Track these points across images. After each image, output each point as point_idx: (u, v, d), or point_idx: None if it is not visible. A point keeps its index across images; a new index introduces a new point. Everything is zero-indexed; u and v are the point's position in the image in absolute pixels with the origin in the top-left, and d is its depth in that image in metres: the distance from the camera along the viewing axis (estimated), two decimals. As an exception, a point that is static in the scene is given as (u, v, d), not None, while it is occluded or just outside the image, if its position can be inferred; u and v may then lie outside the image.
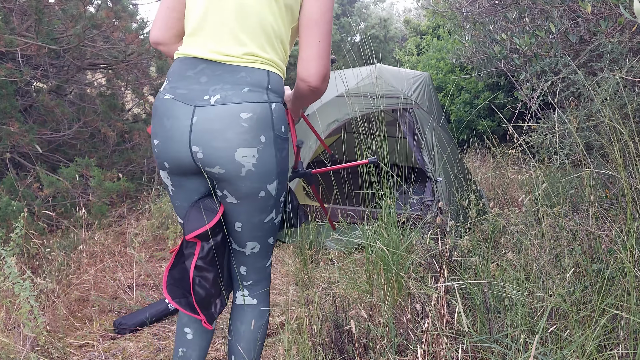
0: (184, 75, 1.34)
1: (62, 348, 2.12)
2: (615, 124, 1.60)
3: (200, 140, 1.28)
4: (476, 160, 5.92)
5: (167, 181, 1.43)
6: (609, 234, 1.83)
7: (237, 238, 1.45)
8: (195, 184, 1.40)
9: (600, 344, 1.46)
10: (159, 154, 1.36)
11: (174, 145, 1.32)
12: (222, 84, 1.29)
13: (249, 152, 1.29)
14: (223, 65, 1.31)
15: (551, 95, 2.56)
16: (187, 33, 1.37)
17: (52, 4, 3.62)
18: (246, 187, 1.33)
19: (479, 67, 3.65)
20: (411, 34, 10.57)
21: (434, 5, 3.97)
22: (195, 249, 1.37)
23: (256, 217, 1.40)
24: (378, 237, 2.15)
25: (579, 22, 2.46)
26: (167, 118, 1.32)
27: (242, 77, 1.30)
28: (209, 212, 1.37)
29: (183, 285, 1.45)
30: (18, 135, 3.07)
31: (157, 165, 1.41)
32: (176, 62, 1.38)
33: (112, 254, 3.04)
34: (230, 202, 1.38)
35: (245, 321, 1.51)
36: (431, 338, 1.59)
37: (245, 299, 1.52)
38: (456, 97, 7.01)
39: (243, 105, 1.28)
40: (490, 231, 2.45)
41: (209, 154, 1.28)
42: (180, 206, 1.45)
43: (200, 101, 1.29)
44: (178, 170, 1.36)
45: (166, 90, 1.35)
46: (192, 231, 1.34)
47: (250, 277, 1.52)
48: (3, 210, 2.71)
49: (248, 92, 1.29)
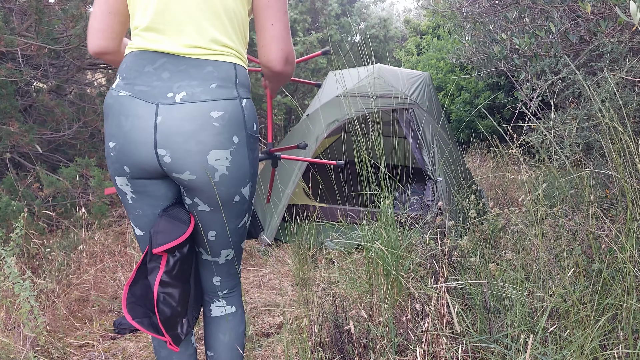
0: (142, 70, 1.19)
1: (62, 348, 2.12)
2: (615, 124, 1.60)
3: (168, 143, 1.15)
4: (476, 160, 5.92)
5: (126, 188, 1.26)
6: (609, 234, 1.83)
7: (211, 247, 1.34)
8: (161, 189, 1.26)
9: (600, 344, 1.46)
10: (116, 158, 1.21)
11: (136, 147, 1.17)
12: (188, 79, 1.17)
13: (222, 155, 1.18)
14: (187, 59, 1.18)
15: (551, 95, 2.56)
16: (140, 26, 1.22)
17: (52, 4, 3.62)
18: (221, 193, 1.22)
19: (479, 67, 3.65)
20: (411, 34, 10.57)
21: (434, 5, 3.97)
22: (160, 262, 1.24)
23: (232, 224, 1.31)
24: (377, 237, 2.15)
25: (579, 22, 2.46)
26: (125, 117, 1.17)
27: (209, 72, 1.18)
28: (179, 223, 1.25)
29: (145, 303, 1.30)
30: (18, 135, 3.07)
31: (112, 171, 1.25)
32: (129, 57, 1.23)
33: (112, 254, 3.04)
34: (202, 210, 1.26)
35: (228, 330, 1.42)
36: (431, 338, 1.59)
37: (225, 309, 1.43)
38: (456, 97, 7.01)
39: (213, 103, 1.16)
40: (490, 231, 2.44)
41: (178, 158, 1.16)
42: (141, 215, 1.29)
43: (163, 99, 1.16)
44: (141, 175, 1.23)
45: (120, 87, 1.20)
46: (162, 245, 1.21)
47: (226, 286, 1.43)
48: (3, 210, 2.71)
49: (217, 89, 1.18)
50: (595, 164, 2.35)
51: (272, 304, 2.62)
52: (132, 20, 1.25)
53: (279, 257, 3.27)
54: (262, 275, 3.02)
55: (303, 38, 7.44)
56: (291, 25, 7.78)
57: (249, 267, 3.18)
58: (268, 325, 2.36)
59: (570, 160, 2.24)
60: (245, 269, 3.17)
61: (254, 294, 2.74)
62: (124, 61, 1.24)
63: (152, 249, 1.22)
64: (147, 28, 1.21)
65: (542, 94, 2.49)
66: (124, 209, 3.69)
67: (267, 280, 2.96)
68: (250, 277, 3.04)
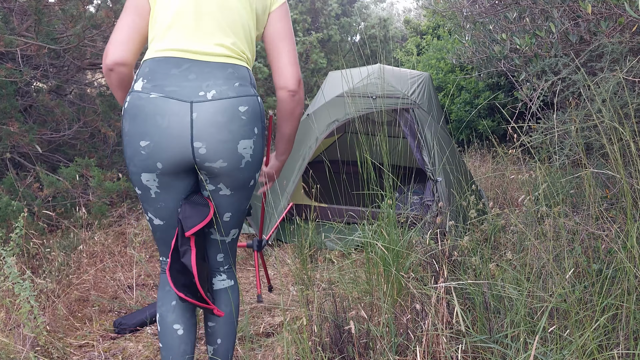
0: (168, 73, 1.33)
1: (62, 348, 2.12)
2: (616, 124, 1.60)
3: (204, 135, 1.31)
4: (476, 160, 5.92)
5: (152, 183, 1.38)
6: (609, 234, 1.83)
7: (224, 228, 1.51)
8: (184, 182, 1.41)
9: (600, 344, 1.46)
10: (149, 155, 1.32)
11: (172, 143, 1.31)
12: (214, 79, 1.33)
13: (248, 144, 1.36)
14: (209, 63, 1.35)
15: (551, 95, 2.56)
16: (159, 37, 1.37)
17: (52, 4, 3.62)
18: (243, 177, 1.40)
19: (479, 67, 3.65)
20: (411, 34, 10.57)
21: (434, 5, 3.97)
22: (190, 244, 1.40)
23: (244, 205, 1.50)
24: (378, 237, 2.15)
25: (579, 22, 2.46)
26: (161, 116, 1.30)
27: (230, 72, 1.36)
28: (201, 207, 1.41)
29: (184, 282, 1.45)
30: (18, 135, 3.07)
31: (140, 168, 1.35)
32: (151, 62, 1.36)
33: (112, 254, 3.04)
34: (223, 194, 1.43)
35: (229, 302, 1.58)
36: (431, 338, 1.59)
37: (224, 282, 1.59)
38: (456, 97, 7.01)
39: (240, 99, 1.34)
40: (490, 231, 2.44)
41: (212, 148, 1.32)
42: (164, 207, 1.43)
43: (196, 97, 1.31)
44: (172, 170, 1.35)
45: (149, 90, 1.32)
46: (192, 227, 1.37)
47: (227, 261, 1.59)
48: (3, 210, 2.71)
49: (240, 87, 1.36)
50: (596, 164, 2.35)
51: (272, 304, 2.62)
52: (156, 31, 1.39)
53: (279, 257, 3.27)
54: (262, 275, 3.02)
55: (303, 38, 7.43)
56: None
57: (249, 267, 3.18)
58: (268, 325, 2.36)
59: (570, 160, 2.24)
60: (245, 268, 3.17)
61: (254, 294, 2.74)
62: (144, 65, 1.37)
63: (184, 232, 1.37)
64: (165, 38, 1.36)
65: (543, 94, 2.49)
66: (124, 209, 3.69)
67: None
68: (250, 277, 3.04)
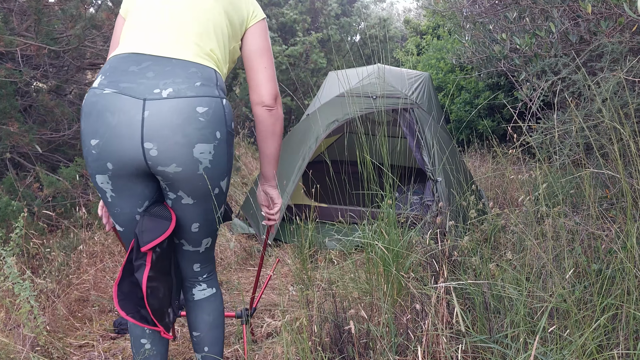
0: (127, 70, 1.24)
1: (62, 348, 2.11)
2: (616, 124, 1.60)
3: (155, 136, 1.20)
4: (476, 160, 5.92)
5: (106, 186, 1.29)
6: (609, 234, 1.83)
7: (194, 239, 1.42)
8: (141, 187, 1.31)
9: (600, 344, 1.46)
10: (99, 155, 1.23)
11: (121, 142, 1.20)
12: (173, 77, 1.23)
13: (207, 149, 1.25)
14: (172, 61, 1.26)
15: (551, 95, 2.56)
16: (125, 35, 1.32)
17: (52, 4, 3.62)
18: (203, 185, 1.30)
19: (479, 67, 3.64)
20: (411, 34, 10.57)
21: (434, 5, 3.97)
22: (145, 259, 1.29)
23: (211, 215, 1.40)
24: (378, 238, 2.15)
25: (579, 22, 2.46)
26: (111, 113, 1.20)
27: (193, 72, 1.26)
28: (162, 220, 1.30)
29: (133, 298, 1.37)
30: (18, 135, 3.07)
31: (93, 169, 1.27)
32: (113, 59, 1.29)
33: (112, 254, 3.04)
34: (186, 203, 1.33)
35: (212, 311, 1.53)
36: (431, 338, 1.58)
37: (205, 292, 1.54)
38: (456, 97, 7.01)
39: (198, 99, 1.23)
40: (490, 231, 2.44)
41: (164, 150, 1.21)
42: (121, 213, 1.34)
43: (150, 95, 1.20)
44: (123, 172, 1.26)
45: (104, 85, 1.23)
46: (148, 242, 1.26)
47: (204, 271, 1.53)
48: (3, 210, 2.71)
49: (201, 87, 1.25)
50: (596, 164, 2.35)
51: (272, 304, 2.61)
52: (122, 34, 1.36)
53: (278, 257, 3.27)
54: (262, 275, 3.02)
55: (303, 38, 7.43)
56: (291, 25, 7.78)
57: (249, 267, 3.18)
58: (268, 325, 2.36)
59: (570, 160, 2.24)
60: (245, 268, 3.17)
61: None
62: (107, 63, 1.30)
63: (139, 248, 1.26)
64: (131, 35, 1.30)
65: (543, 94, 2.49)
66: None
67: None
68: (250, 277, 3.04)
